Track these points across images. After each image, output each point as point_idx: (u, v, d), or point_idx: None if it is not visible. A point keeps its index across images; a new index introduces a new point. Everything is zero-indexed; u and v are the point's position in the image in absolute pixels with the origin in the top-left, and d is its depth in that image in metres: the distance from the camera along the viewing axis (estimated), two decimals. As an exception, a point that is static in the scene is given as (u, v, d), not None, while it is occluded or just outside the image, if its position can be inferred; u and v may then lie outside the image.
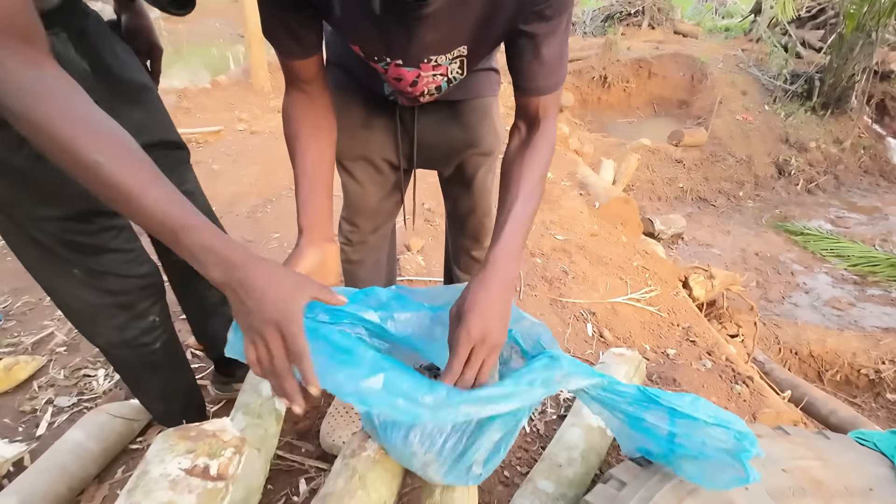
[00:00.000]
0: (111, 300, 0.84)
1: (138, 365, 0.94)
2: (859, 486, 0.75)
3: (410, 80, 0.80)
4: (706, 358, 1.54)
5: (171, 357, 1.00)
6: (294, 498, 1.04)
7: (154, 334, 0.92)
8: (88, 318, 0.87)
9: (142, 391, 1.04)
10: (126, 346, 0.90)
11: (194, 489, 0.53)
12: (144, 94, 0.84)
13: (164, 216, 0.49)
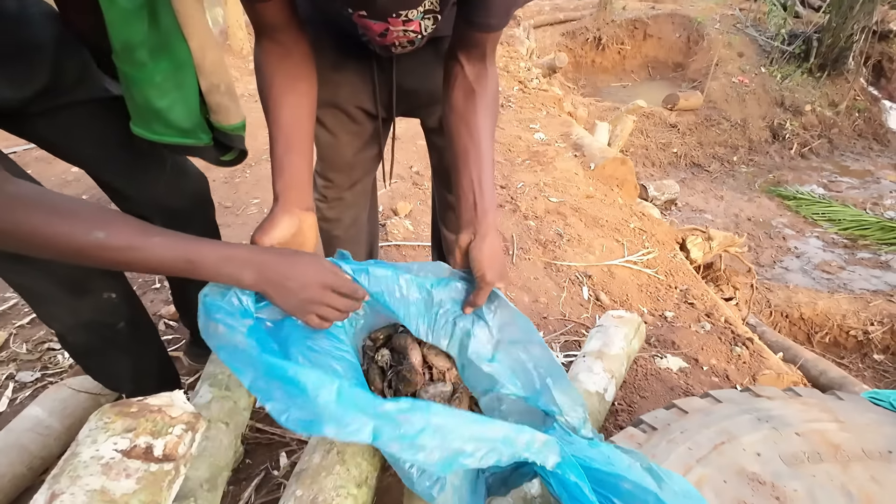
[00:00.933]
0: (51, 280, 0.75)
1: (103, 347, 0.86)
2: (878, 449, 0.70)
3: (378, 31, 0.71)
4: (705, 320, 1.49)
5: (139, 334, 0.92)
6: (274, 472, 0.98)
7: (116, 313, 0.84)
8: (38, 300, 0.78)
9: (109, 375, 0.96)
10: (84, 329, 0.82)
11: (133, 473, 0.45)
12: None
13: (177, 253, 0.54)
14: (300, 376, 0.50)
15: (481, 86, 0.74)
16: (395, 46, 0.76)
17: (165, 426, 0.50)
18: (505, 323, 0.74)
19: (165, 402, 0.52)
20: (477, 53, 0.73)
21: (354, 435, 0.48)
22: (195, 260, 0.54)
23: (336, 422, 0.48)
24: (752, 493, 0.63)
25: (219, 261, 0.55)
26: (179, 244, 0.54)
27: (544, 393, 0.67)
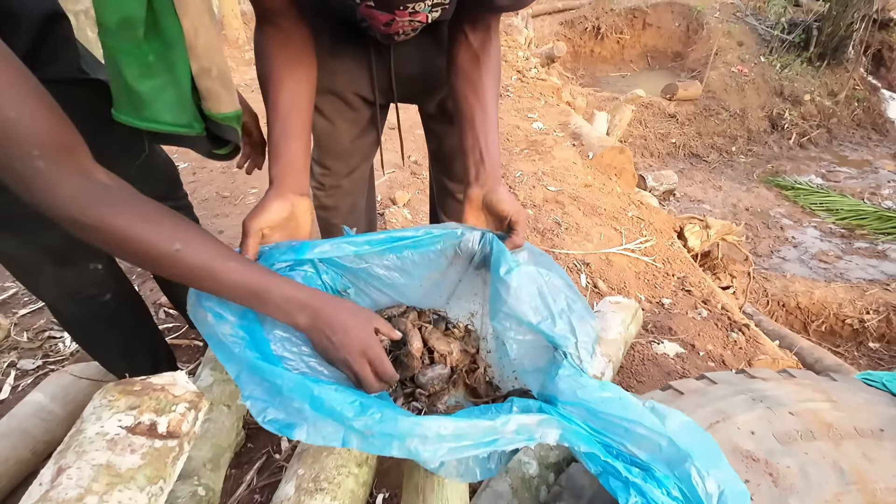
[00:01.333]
0: (35, 249, 0.74)
1: (90, 319, 0.86)
2: (870, 428, 0.71)
3: (384, 21, 0.71)
4: (702, 307, 1.50)
5: (127, 308, 0.91)
6: (276, 455, 0.99)
7: (102, 285, 0.84)
8: (22, 270, 0.78)
9: (100, 351, 0.96)
10: (71, 300, 0.81)
11: (138, 449, 0.46)
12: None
13: (247, 283, 0.55)
14: (278, 379, 0.50)
15: (486, 53, 0.75)
16: (398, 35, 0.76)
17: (169, 404, 0.50)
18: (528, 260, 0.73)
19: (168, 381, 0.53)
20: (482, 27, 0.74)
21: (326, 441, 0.49)
22: (261, 295, 0.55)
23: (310, 427, 0.49)
24: (745, 469, 0.64)
25: (281, 300, 0.56)
26: (251, 275, 0.55)
27: (561, 318, 0.64)
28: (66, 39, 0.72)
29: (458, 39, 0.75)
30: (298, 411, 0.48)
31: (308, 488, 0.62)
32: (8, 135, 0.42)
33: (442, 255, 0.74)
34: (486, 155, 0.73)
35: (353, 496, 0.64)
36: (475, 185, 0.74)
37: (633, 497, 0.46)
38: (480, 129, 0.74)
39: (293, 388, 0.48)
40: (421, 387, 0.73)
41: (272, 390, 0.50)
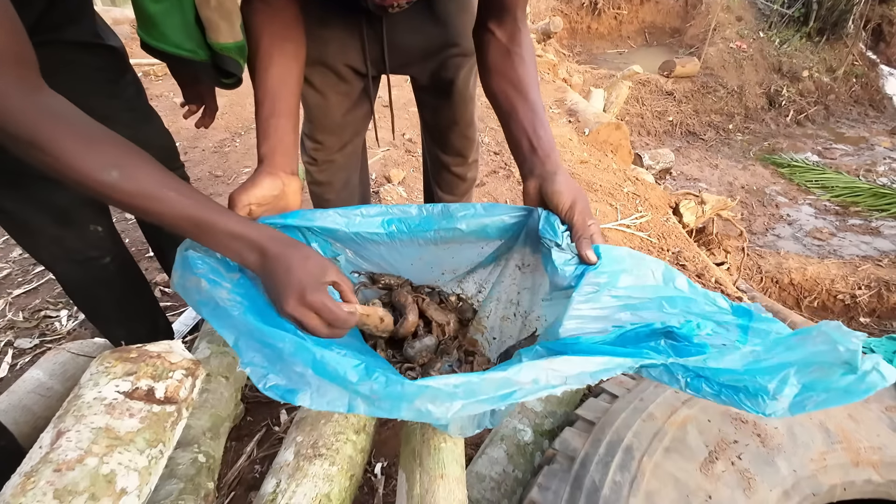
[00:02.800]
0: (37, 208, 0.75)
1: (90, 283, 0.86)
2: (856, 390, 0.73)
3: None
4: (696, 281, 1.51)
5: (125, 274, 0.92)
6: (275, 428, 1.01)
7: (102, 247, 0.84)
8: (22, 230, 0.78)
9: (100, 317, 0.96)
10: (71, 262, 0.82)
11: (136, 413, 0.46)
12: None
13: (190, 214, 0.51)
14: (279, 342, 0.48)
15: (517, 44, 0.72)
16: (392, 7, 0.73)
17: (165, 371, 0.51)
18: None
19: (164, 348, 0.53)
20: (508, 18, 0.71)
21: (330, 406, 0.47)
22: (205, 227, 0.52)
23: (313, 392, 0.47)
24: (734, 430, 0.66)
25: (227, 235, 0.53)
26: (194, 205, 0.51)
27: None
28: (82, 2, 0.72)
29: (485, 40, 0.73)
30: (301, 376, 0.47)
31: (307, 454, 0.63)
32: None
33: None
34: (536, 142, 0.68)
35: (352, 462, 0.66)
36: (531, 177, 0.68)
37: (682, 379, 0.46)
38: (526, 120, 0.69)
39: (294, 351, 0.47)
40: (409, 360, 0.73)
41: (272, 356, 0.49)
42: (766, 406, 0.42)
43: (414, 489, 0.60)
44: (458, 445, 0.66)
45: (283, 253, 0.54)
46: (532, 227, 0.67)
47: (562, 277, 0.58)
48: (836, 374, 0.41)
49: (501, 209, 0.70)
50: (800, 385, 0.41)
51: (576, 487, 0.58)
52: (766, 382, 0.41)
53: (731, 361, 0.43)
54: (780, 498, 0.61)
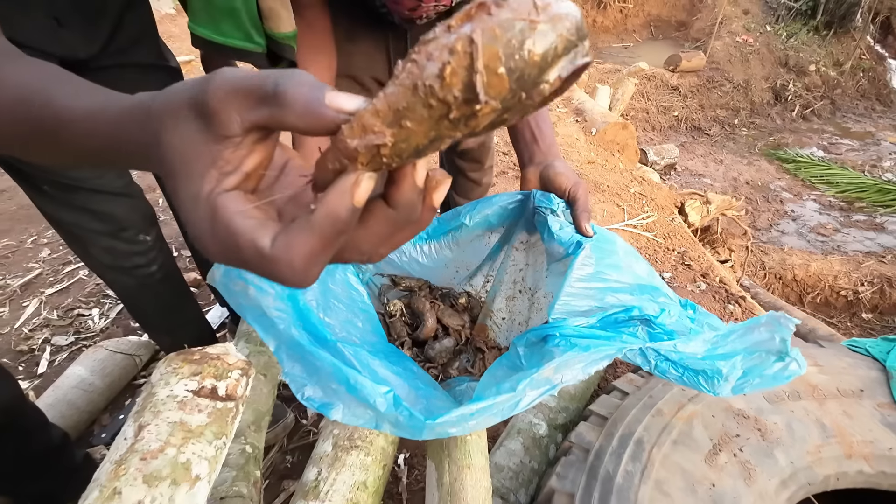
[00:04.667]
0: (92, 217, 0.80)
1: (137, 290, 0.91)
2: (851, 388, 0.78)
3: (409, 6, 0.72)
4: (700, 280, 1.56)
5: (171, 282, 0.97)
6: (303, 421, 1.07)
7: (149, 255, 0.89)
8: (76, 239, 0.83)
9: (147, 322, 1.02)
10: (121, 271, 0.87)
11: (204, 409, 0.52)
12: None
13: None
14: (317, 361, 0.53)
15: None
16: (420, 19, 0.78)
17: (225, 371, 0.57)
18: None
19: (222, 350, 0.59)
20: None
21: (360, 423, 0.52)
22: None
23: (346, 409, 0.52)
24: (737, 425, 0.71)
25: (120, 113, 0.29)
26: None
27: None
28: (145, 24, 0.77)
29: None
30: (335, 393, 0.52)
31: (344, 445, 0.69)
32: None
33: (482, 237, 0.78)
34: (538, 135, 0.71)
35: (384, 452, 0.72)
36: (531, 164, 0.72)
37: (653, 361, 0.50)
38: (538, 114, 0.73)
39: (331, 372, 0.53)
40: (430, 360, 0.79)
41: (311, 370, 0.54)
42: (717, 387, 0.48)
43: (443, 478, 0.66)
44: (482, 438, 0.72)
45: (160, 171, 0.27)
46: (529, 209, 0.71)
47: (558, 245, 0.63)
48: (769, 361, 0.47)
49: (499, 198, 0.74)
50: (742, 370, 0.47)
51: (591, 476, 0.64)
52: (720, 367, 0.47)
53: (694, 347, 0.49)
54: (778, 487, 0.66)
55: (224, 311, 1.32)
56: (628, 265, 0.59)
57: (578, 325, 0.56)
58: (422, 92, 0.18)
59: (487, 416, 0.50)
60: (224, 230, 0.22)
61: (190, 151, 0.22)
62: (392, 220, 0.23)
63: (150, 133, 0.24)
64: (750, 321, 0.50)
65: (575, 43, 0.18)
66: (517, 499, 0.79)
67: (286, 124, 0.22)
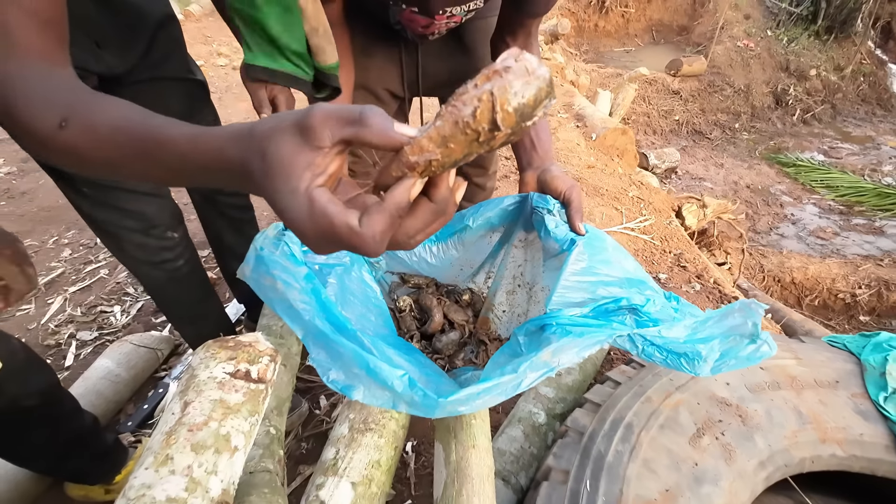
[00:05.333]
0: (124, 215, 0.87)
1: (165, 283, 0.98)
2: (827, 380, 0.84)
3: (423, 24, 0.79)
4: (695, 281, 1.62)
5: (196, 276, 1.04)
6: (316, 411, 1.13)
7: (176, 251, 0.96)
8: (111, 237, 0.90)
9: (173, 314, 1.09)
10: (151, 265, 0.94)
11: (240, 389, 0.59)
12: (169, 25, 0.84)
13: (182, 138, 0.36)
14: (340, 346, 0.59)
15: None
16: (432, 35, 0.85)
17: (256, 356, 0.63)
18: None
19: (252, 339, 0.65)
20: (522, 33, 0.81)
21: (378, 404, 0.58)
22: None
23: (366, 390, 0.59)
24: (720, 412, 0.77)
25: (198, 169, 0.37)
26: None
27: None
28: (176, 40, 0.84)
29: (500, 50, 0.84)
30: (356, 376, 0.58)
31: (359, 428, 0.76)
32: None
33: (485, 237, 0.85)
34: (536, 142, 0.78)
35: (395, 435, 0.78)
36: (529, 168, 0.78)
37: (640, 346, 0.56)
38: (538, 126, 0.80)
39: (352, 356, 0.59)
40: (437, 352, 0.86)
41: (335, 355, 0.60)
42: (698, 367, 0.54)
43: (451, 457, 0.72)
44: (485, 422, 0.78)
45: (258, 178, 0.32)
46: (527, 210, 0.78)
47: (554, 242, 0.70)
48: (743, 343, 0.54)
49: (499, 201, 0.80)
50: (720, 352, 0.54)
51: (585, 456, 0.71)
52: (700, 349, 0.54)
53: (676, 332, 0.56)
54: (757, 467, 0.73)
55: (240, 307, 1.39)
56: (617, 261, 0.65)
57: (573, 314, 0.62)
58: (461, 125, 0.28)
59: (493, 394, 0.56)
60: (321, 214, 0.30)
61: (291, 157, 0.30)
62: (431, 210, 0.33)
63: (254, 149, 0.32)
64: (725, 308, 0.56)
65: (549, 91, 0.28)
66: (518, 481, 0.85)
67: (365, 141, 0.30)
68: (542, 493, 0.69)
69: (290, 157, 0.30)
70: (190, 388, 0.59)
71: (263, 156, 0.31)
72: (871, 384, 0.83)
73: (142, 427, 1.13)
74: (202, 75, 0.95)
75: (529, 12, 0.77)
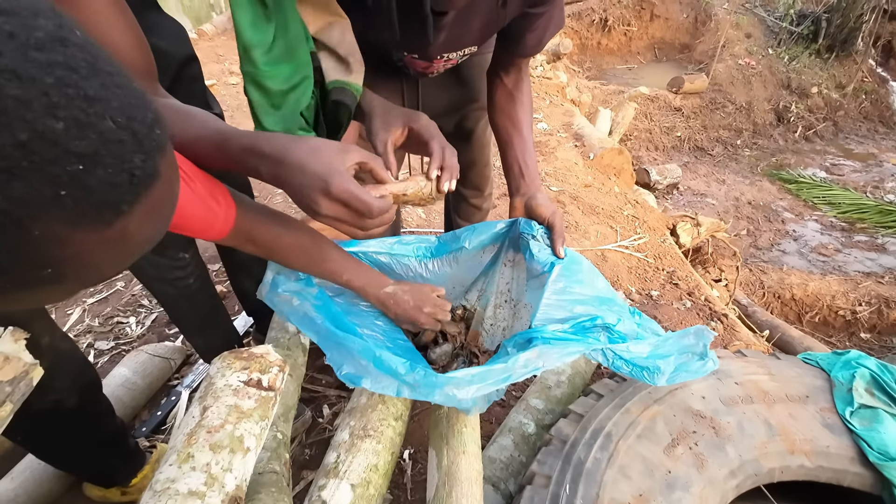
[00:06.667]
0: None
1: (177, 298, 1.06)
2: (798, 394, 0.90)
3: (423, 66, 0.88)
4: (686, 298, 1.68)
5: (206, 293, 1.11)
6: (319, 419, 1.20)
7: (187, 269, 1.04)
8: None
9: (184, 326, 1.16)
10: (164, 282, 1.02)
11: (252, 396, 0.66)
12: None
13: (209, 136, 0.53)
14: (350, 344, 0.68)
15: (519, 90, 0.90)
16: (431, 74, 0.93)
17: (267, 366, 0.70)
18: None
19: (264, 351, 0.72)
20: (514, 70, 0.89)
21: (384, 390, 0.67)
22: (222, 147, 0.53)
23: (373, 379, 0.67)
24: (694, 423, 0.83)
25: (240, 152, 0.52)
26: (211, 130, 0.54)
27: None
28: (196, 79, 0.93)
29: (494, 83, 0.91)
30: (364, 368, 0.67)
31: (359, 434, 0.82)
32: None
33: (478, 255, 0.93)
34: (524, 170, 0.86)
35: (392, 442, 0.84)
36: (517, 195, 0.86)
37: (610, 359, 0.64)
38: (519, 150, 0.88)
39: (361, 351, 0.67)
40: (432, 362, 0.93)
41: (345, 353, 0.69)
42: (656, 379, 0.62)
43: (442, 462, 0.78)
44: (475, 431, 0.84)
45: (290, 154, 0.49)
46: (515, 233, 0.87)
47: (537, 264, 0.78)
48: (694, 360, 0.61)
49: (492, 224, 0.89)
50: (675, 366, 0.61)
51: (566, 462, 0.76)
52: (659, 364, 0.61)
53: (640, 349, 0.64)
54: (727, 476, 0.78)
55: (249, 320, 1.46)
56: (591, 281, 0.73)
57: (555, 329, 0.69)
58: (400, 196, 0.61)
59: (485, 381, 0.64)
60: (345, 187, 0.49)
61: (326, 145, 0.52)
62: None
63: (299, 138, 0.53)
64: (681, 331, 0.64)
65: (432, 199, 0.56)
66: (507, 487, 0.91)
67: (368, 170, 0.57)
68: (525, 497, 0.74)
69: (325, 145, 0.51)
70: (208, 394, 0.66)
71: (307, 140, 0.52)
72: (839, 399, 0.88)
73: (155, 433, 1.19)
74: (219, 107, 1.03)
75: (519, 53, 0.86)
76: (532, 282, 0.81)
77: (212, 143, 0.53)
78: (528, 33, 0.80)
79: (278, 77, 0.73)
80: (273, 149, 0.51)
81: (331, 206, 0.50)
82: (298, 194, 0.51)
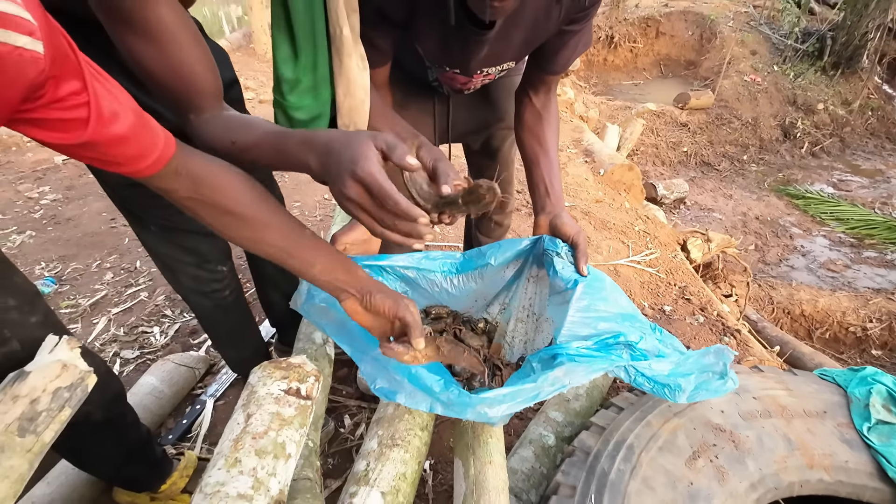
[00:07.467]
0: (183, 251, 0.99)
1: (212, 310, 1.09)
2: (815, 410, 0.91)
3: (462, 81, 0.92)
4: (699, 313, 1.70)
5: (240, 307, 1.15)
6: (341, 429, 1.22)
7: (224, 282, 1.07)
8: (169, 269, 1.02)
9: (217, 337, 1.20)
10: (201, 294, 1.06)
11: (292, 404, 0.69)
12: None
13: (268, 141, 0.60)
14: (384, 358, 0.70)
15: (547, 111, 0.93)
16: (468, 90, 0.97)
17: (304, 376, 0.73)
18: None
19: (301, 361, 0.76)
20: (543, 89, 0.93)
21: (418, 406, 0.69)
22: (279, 146, 0.59)
23: (407, 395, 0.70)
24: (714, 436, 0.85)
25: (295, 146, 0.57)
26: (271, 135, 0.60)
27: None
28: (238, 101, 0.98)
29: (523, 102, 0.95)
30: (399, 383, 0.70)
31: (387, 443, 0.85)
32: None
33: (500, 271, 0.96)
34: (550, 189, 0.89)
35: (419, 451, 0.87)
36: (542, 213, 0.89)
37: (633, 376, 0.67)
38: (545, 170, 0.91)
39: (396, 366, 0.70)
40: (456, 375, 0.95)
41: (379, 366, 0.72)
42: (677, 396, 0.64)
43: (469, 472, 0.81)
44: (500, 441, 0.86)
45: (334, 143, 0.53)
46: (539, 250, 0.90)
47: (560, 281, 0.81)
48: (714, 379, 0.63)
49: (517, 242, 0.92)
50: (695, 385, 0.63)
51: (590, 473, 0.78)
52: (680, 382, 0.63)
53: (662, 367, 0.66)
54: (748, 489, 0.80)
55: (271, 330, 1.50)
56: (614, 299, 0.75)
57: (579, 346, 0.72)
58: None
59: (515, 400, 0.67)
60: (369, 170, 0.50)
61: (357, 136, 0.53)
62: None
63: (343, 133, 0.56)
64: (702, 350, 0.67)
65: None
66: (528, 497, 0.93)
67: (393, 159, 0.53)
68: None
69: (355, 136, 0.53)
70: (251, 402, 0.69)
71: (350, 131, 0.60)
72: (856, 415, 0.90)
73: (181, 440, 1.22)
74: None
75: (550, 71, 0.89)
76: (554, 297, 0.84)
77: (270, 143, 0.60)
78: (561, 51, 0.84)
79: (302, 110, 0.80)
80: (321, 140, 0.56)
81: (355, 188, 0.51)
82: (335, 179, 0.53)
